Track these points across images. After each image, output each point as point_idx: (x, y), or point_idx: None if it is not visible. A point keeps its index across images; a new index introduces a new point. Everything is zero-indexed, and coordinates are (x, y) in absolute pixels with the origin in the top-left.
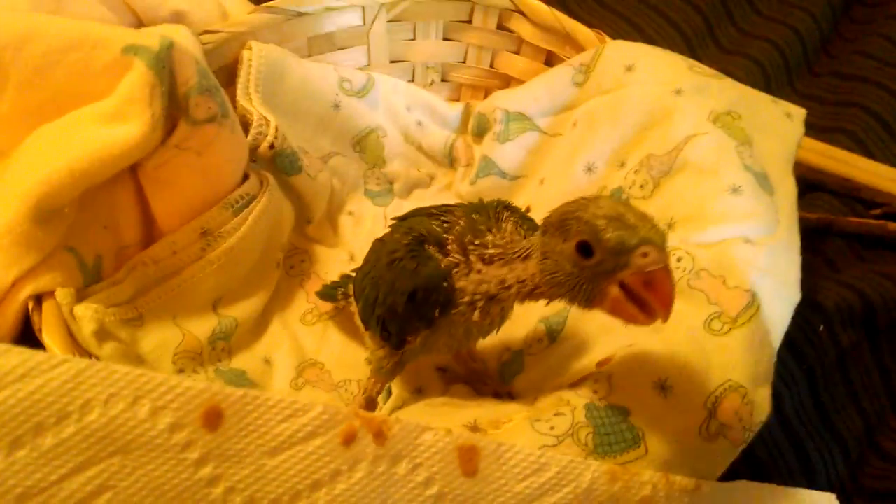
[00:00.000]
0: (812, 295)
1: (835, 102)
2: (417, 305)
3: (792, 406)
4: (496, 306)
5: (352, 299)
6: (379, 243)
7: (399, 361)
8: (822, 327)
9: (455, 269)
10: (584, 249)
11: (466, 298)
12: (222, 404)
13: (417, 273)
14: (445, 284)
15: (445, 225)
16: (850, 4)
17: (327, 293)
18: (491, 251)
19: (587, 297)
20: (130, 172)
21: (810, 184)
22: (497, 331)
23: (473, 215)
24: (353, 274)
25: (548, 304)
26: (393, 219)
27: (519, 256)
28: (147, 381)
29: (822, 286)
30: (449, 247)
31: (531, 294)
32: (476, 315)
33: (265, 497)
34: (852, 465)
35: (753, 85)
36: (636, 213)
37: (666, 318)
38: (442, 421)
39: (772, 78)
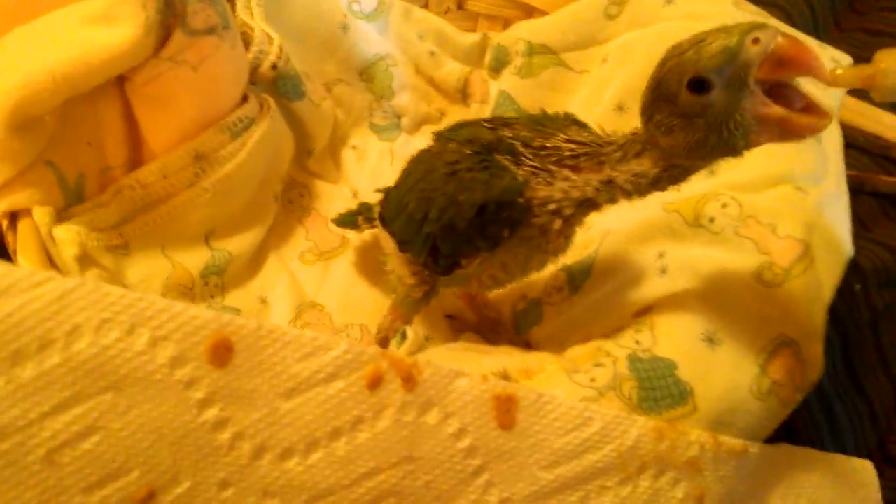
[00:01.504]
0: None
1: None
2: (485, 222)
3: (825, 368)
4: (584, 214)
5: (377, 223)
6: (427, 154)
7: (429, 291)
8: (858, 287)
9: (535, 179)
10: (698, 86)
11: (552, 206)
12: (233, 337)
13: (490, 184)
14: (521, 200)
15: (509, 134)
16: None
17: (346, 220)
18: (573, 155)
19: (742, 133)
20: (118, 87)
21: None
22: (557, 260)
23: (538, 127)
24: (376, 199)
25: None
26: (435, 133)
27: (625, 154)
28: (146, 306)
29: (858, 245)
30: (521, 156)
31: (654, 186)
32: (558, 224)
33: (277, 445)
34: (881, 432)
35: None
36: (707, 29)
37: (825, 76)
38: (469, 366)
39: (799, 30)
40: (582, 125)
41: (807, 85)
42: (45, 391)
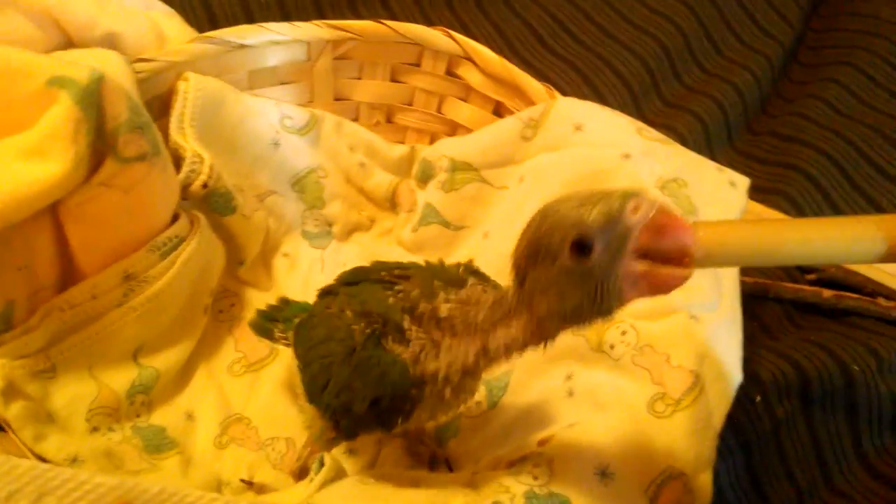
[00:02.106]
0: (749, 365)
1: (773, 163)
2: (380, 411)
3: (727, 478)
4: (471, 379)
5: (291, 347)
6: (326, 310)
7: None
8: (758, 398)
9: (423, 353)
10: (580, 248)
11: (441, 376)
12: (136, 502)
13: (382, 380)
14: (414, 392)
15: (400, 295)
16: (789, 63)
17: (262, 325)
18: (451, 320)
19: (615, 294)
20: (50, 209)
21: None
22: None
23: (429, 281)
24: (292, 301)
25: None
26: (337, 281)
27: (494, 320)
28: (53, 476)
29: (759, 355)
30: (408, 332)
31: (524, 348)
32: (448, 393)
33: None
34: None
35: (695, 141)
36: (591, 190)
37: (691, 261)
38: None
39: (712, 134)
40: (480, 276)
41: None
42: None
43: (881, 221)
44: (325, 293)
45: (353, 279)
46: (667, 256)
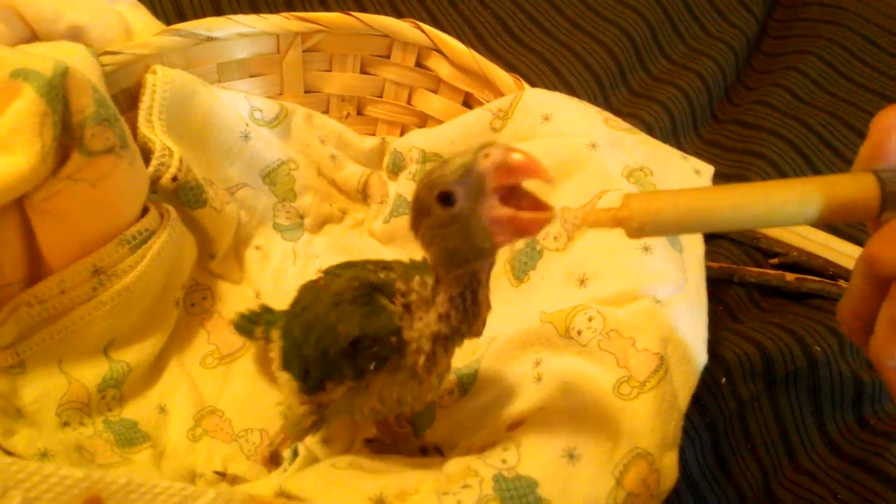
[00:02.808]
0: (714, 347)
1: (738, 150)
2: (355, 353)
3: (693, 457)
4: (442, 349)
5: (272, 346)
6: (314, 286)
7: (318, 420)
8: (723, 380)
9: (402, 321)
10: (445, 198)
11: (414, 346)
12: (103, 494)
13: (368, 320)
14: (393, 339)
15: (382, 276)
16: (752, 53)
17: (243, 326)
18: (420, 297)
19: (483, 236)
20: (16, 203)
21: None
22: (431, 393)
23: (410, 271)
24: (273, 309)
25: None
26: (322, 271)
27: (432, 291)
28: (18, 469)
29: (724, 338)
30: (394, 296)
31: (465, 301)
32: (422, 360)
33: None
34: None
35: (661, 129)
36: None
37: (548, 176)
38: (347, 494)
39: (678, 123)
40: None
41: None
42: None
43: (813, 182)
44: (310, 283)
45: (339, 270)
46: (532, 201)
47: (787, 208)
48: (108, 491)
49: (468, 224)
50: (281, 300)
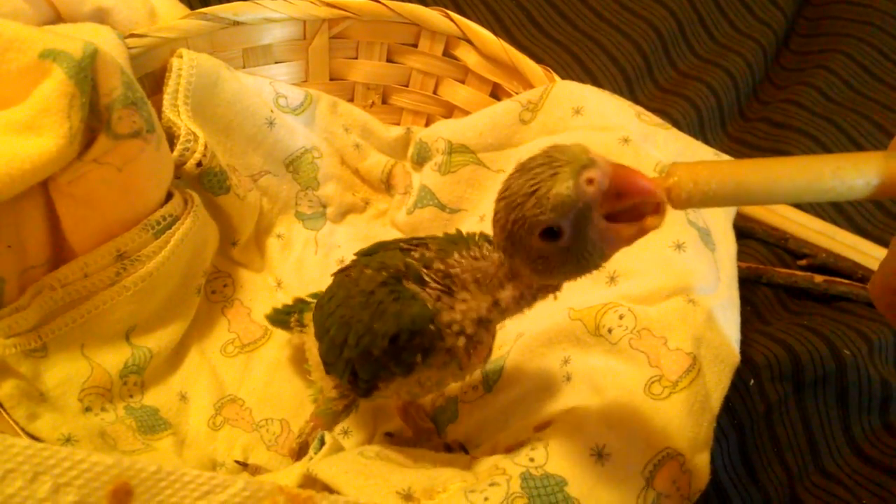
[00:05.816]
0: (743, 348)
1: (765, 149)
2: (399, 349)
3: (721, 460)
4: (485, 331)
5: (307, 331)
6: (345, 278)
7: (350, 405)
8: (752, 382)
9: (439, 304)
10: (550, 234)
11: (456, 327)
12: (132, 481)
13: (401, 314)
14: (432, 327)
15: (416, 255)
16: (781, 50)
17: (279, 318)
18: (466, 274)
19: (598, 255)
20: (41, 185)
21: (740, 231)
22: (470, 375)
23: (446, 248)
24: (309, 300)
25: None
26: (356, 254)
27: (500, 280)
28: (49, 455)
29: (752, 339)
30: (428, 279)
31: (532, 301)
32: (462, 342)
33: None
34: None
35: (688, 126)
36: (537, 162)
37: (659, 196)
38: (375, 485)
39: (705, 119)
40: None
41: None
42: None
43: (871, 155)
44: (342, 269)
45: (370, 250)
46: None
47: (846, 178)
48: (138, 478)
49: (579, 251)
50: (302, 290)
